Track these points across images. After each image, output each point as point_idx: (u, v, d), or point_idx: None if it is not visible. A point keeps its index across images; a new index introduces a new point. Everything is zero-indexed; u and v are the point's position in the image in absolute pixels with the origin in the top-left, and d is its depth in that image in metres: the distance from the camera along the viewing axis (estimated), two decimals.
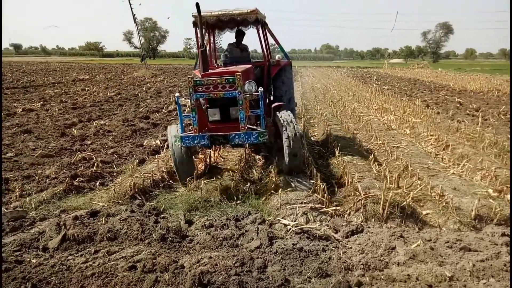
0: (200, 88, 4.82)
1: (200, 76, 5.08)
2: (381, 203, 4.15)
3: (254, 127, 5.13)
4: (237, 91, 4.77)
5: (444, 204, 4.39)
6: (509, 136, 8.01)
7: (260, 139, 4.78)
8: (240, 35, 6.90)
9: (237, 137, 4.77)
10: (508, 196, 4.66)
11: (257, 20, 6.28)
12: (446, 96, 15.73)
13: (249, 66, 6.14)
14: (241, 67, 5.58)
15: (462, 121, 9.67)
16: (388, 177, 5.22)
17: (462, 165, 5.97)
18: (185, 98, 5.37)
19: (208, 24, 6.41)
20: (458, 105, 13.21)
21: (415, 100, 13.93)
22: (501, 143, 7.28)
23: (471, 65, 63.82)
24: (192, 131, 4.94)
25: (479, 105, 12.99)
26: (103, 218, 4.04)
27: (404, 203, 4.24)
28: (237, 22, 6.57)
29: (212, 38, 7.20)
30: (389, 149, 7.06)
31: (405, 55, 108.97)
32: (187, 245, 3.55)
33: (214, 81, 4.81)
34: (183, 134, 4.96)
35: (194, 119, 4.87)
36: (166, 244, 3.55)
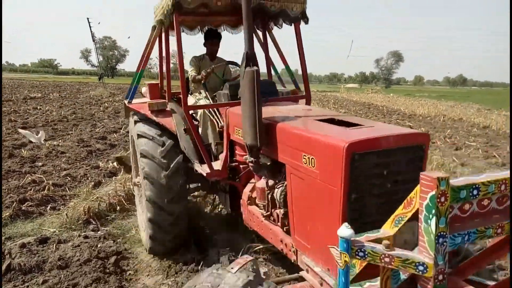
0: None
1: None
2: None
3: None
4: None
5: None
6: (454, 159, 8.62)
7: None
8: (215, 38, 4.37)
9: None
10: None
11: (303, 15, 3.57)
12: (397, 120, 16.65)
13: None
14: (327, 112, 3.00)
15: None
16: None
17: None
18: None
19: (184, 21, 4.34)
20: (409, 128, 14.00)
21: None
22: (447, 165, 7.81)
23: (420, 91, 68.30)
24: None
25: (427, 128, 13.87)
26: (54, 245, 3.82)
27: None
28: (263, 14, 3.59)
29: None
30: None
31: (360, 80, 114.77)
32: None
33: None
34: None
35: None
36: (118, 275, 3.40)
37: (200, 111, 3.91)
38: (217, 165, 3.45)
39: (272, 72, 4.69)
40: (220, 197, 4.18)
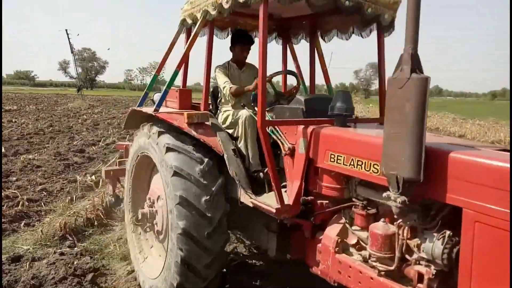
0: None
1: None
2: None
3: None
4: None
5: None
6: None
7: None
8: (249, 42, 3.70)
9: None
10: None
11: (392, 24, 3.08)
12: None
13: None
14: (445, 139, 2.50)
15: None
16: None
17: None
18: None
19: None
20: None
21: None
22: None
23: None
24: None
25: None
26: (27, 263, 3.67)
27: None
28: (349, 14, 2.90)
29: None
30: None
31: None
32: None
33: None
34: None
35: None
36: None
37: (241, 122, 3.16)
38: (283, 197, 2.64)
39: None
40: (259, 235, 3.19)
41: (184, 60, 3.28)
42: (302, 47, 4.03)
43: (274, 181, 2.52)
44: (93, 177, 6.97)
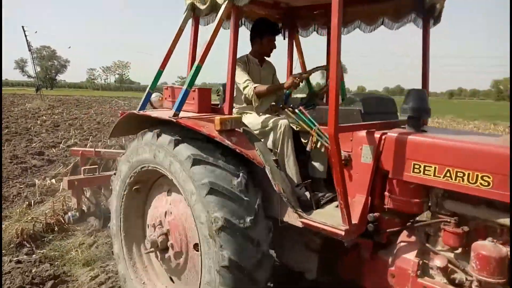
0: None
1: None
2: None
3: None
4: None
5: None
6: None
7: None
8: (276, 33, 3.30)
9: None
10: None
11: (441, 12, 2.83)
12: None
13: None
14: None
15: None
16: None
17: None
18: None
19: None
20: None
21: None
22: None
23: None
24: None
25: None
26: None
27: None
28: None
29: None
30: None
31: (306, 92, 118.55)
32: None
33: None
34: None
35: None
36: None
37: (279, 132, 2.69)
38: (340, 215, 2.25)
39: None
40: (294, 255, 2.77)
41: (206, 55, 2.62)
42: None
43: (342, 198, 2.10)
44: (53, 180, 6.66)
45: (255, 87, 2.93)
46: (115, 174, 3.14)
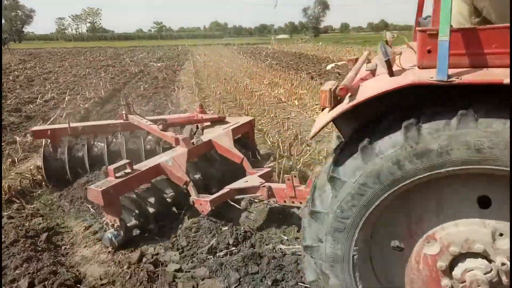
0: None
1: None
2: (276, 171, 4.42)
3: None
4: None
5: None
6: None
7: None
8: None
9: None
10: None
11: None
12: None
13: None
14: None
15: None
16: (281, 147, 5.54)
17: None
18: None
19: None
20: (338, 75, 14.56)
21: (301, 73, 14.90)
22: None
23: (346, 38, 70.61)
24: None
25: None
26: None
27: (298, 167, 4.58)
28: None
29: None
30: (281, 121, 7.49)
31: (290, 30, 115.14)
32: None
33: None
34: None
35: None
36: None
37: None
38: None
39: None
40: None
41: None
42: None
43: None
44: None
45: None
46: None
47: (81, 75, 16.20)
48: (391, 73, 1.71)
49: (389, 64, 1.70)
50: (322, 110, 1.90)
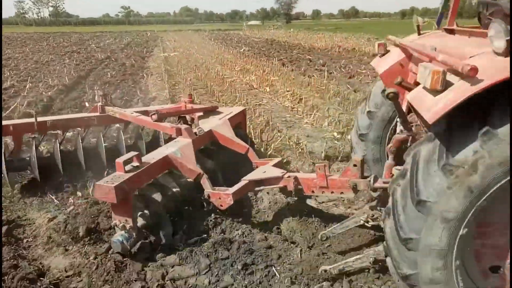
0: None
1: None
2: None
3: None
4: None
5: (300, 150, 4.92)
6: (348, 87, 9.32)
7: None
8: None
9: None
10: (349, 136, 5.49)
11: None
12: (298, 54, 17.23)
13: None
14: None
15: (312, 76, 10.78)
16: (252, 133, 5.53)
17: (313, 114, 6.72)
18: None
19: None
20: (309, 61, 14.65)
21: (272, 60, 14.86)
22: (342, 92, 8.43)
23: (318, 25, 70.93)
24: None
25: (325, 60, 14.64)
26: None
27: (268, 153, 4.60)
28: None
29: None
30: (252, 108, 7.46)
31: (261, 17, 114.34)
32: None
33: None
34: None
35: None
36: None
37: None
38: None
39: None
40: None
41: None
42: None
43: None
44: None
45: None
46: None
47: (43, 61, 15.44)
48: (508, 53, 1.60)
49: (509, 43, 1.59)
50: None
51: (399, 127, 2.85)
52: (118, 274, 2.65)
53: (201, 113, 4.35)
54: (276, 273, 2.64)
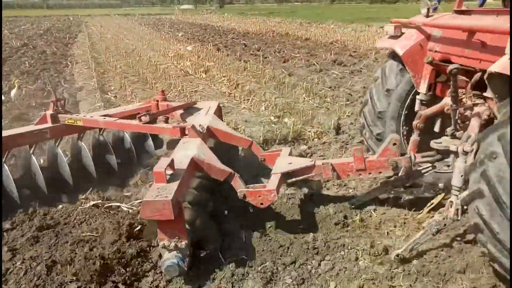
0: None
1: None
2: None
3: None
4: None
5: None
6: (282, 70, 9.50)
7: None
8: None
9: None
10: (286, 119, 5.63)
11: None
12: (233, 39, 17.11)
13: None
14: None
15: (248, 61, 10.80)
16: None
17: (251, 99, 6.77)
18: None
19: None
20: (244, 46, 14.62)
21: (207, 45, 14.60)
22: (277, 76, 8.58)
23: (251, 9, 70.80)
24: None
25: (260, 45, 14.73)
26: None
27: None
28: None
29: None
30: (188, 94, 7.31)
31: (194, 1, 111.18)
32: None
33: None
34: None
35: None
36: None
37: None
38: None
39: None
40: None
41: None
42: None
43: None
44: None
45: None
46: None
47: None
48: None
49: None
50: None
51: (418, 104, 3.22)
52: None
53: (182, 111, 3.90)
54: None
